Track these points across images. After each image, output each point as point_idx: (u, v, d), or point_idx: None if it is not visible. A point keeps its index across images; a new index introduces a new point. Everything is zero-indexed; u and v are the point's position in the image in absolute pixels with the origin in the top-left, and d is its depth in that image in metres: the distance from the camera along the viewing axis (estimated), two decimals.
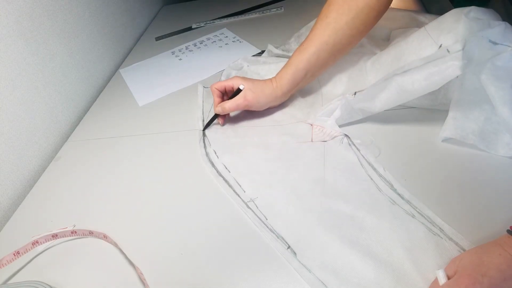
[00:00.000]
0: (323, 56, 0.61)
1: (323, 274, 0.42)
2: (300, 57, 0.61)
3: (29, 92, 0.70)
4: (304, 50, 0.61)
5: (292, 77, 0.62)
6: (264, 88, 0.63)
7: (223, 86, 0.65)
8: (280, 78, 0.63)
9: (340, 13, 0.59)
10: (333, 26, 0.59)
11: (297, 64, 0.62)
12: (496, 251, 0.36)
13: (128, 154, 0.67)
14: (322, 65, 0.63)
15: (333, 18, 0.59)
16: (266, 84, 0.63)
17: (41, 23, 0.75)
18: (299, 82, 0.64)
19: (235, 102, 0.63)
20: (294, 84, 0.63)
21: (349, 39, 0.61)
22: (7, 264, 0.47)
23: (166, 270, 0.46)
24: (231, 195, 0.53)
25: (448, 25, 0.54)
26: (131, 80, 0.91)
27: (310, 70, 0.62)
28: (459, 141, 0.52)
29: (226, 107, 0.64)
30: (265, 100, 0.64)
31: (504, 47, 0.49)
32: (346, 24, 0.59)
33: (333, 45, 0.60)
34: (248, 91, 0.62)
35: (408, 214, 0.46)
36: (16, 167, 0.65)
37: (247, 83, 0.63)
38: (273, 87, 0.63)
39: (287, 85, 0.63)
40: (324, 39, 0.60)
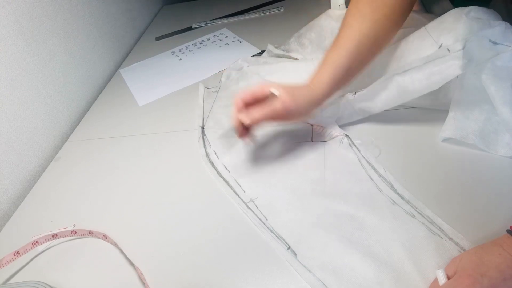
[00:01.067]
0: (363, 51, 0.53)
1: (323, 274, 0.42)
2: (339, 53, 0.52)
3: (29, 92, 0.70)
4: (340, 48, 0.53)
5: (333, 76, 0.52)
6: (302, 90, 0.52)
7: (253, 95, 0.51)
8: (318, 79, 0.53)
9: (374, 7, 0.53)
10: (371, 18, 0.53)
11: (336, 61, 0.52)
12: (496, 251, 0.36)
13: (128, 154, 0.67)
14: (363, 61, 0.55)
15: (368, 11, 0.53)
16: (303, 87, 0.52)
17: (41, 23, 0.75)
18: (340, 82, 0.53)
19: (270, 108, 0.49)
20: (335, 85, 0.53)
21: (388, 31, 0.55)
22: (7, 264, 0.47)
23: (166, 270, 0.46)
24: (231, 195, 0.53)
25: (448, 25, 0.54)
26: (131, 80, 0.91)
27: (350, 68, 0.53)
28: (459, 141, 0.52)
29: (256, 116, 0.49)
30: (304, 104, 0.51)
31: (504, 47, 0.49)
32: (384, 16, 0.53)
33: (374, 38, 0.53)
34: (285, 93, 0.49)
35: (408, 214, 0.46)
36: (16, 167, 0.65)
37: (281, 86, 0.50)
38: (312, 89, 0.52)
39: (328, 86, 0.52)
40: (363, 32, 0.52)
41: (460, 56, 0.48)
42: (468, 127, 0.51)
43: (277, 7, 1.11)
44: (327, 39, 0.77)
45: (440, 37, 0.54)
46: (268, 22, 1.05)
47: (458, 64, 0.48)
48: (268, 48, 0.83)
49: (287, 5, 1.12)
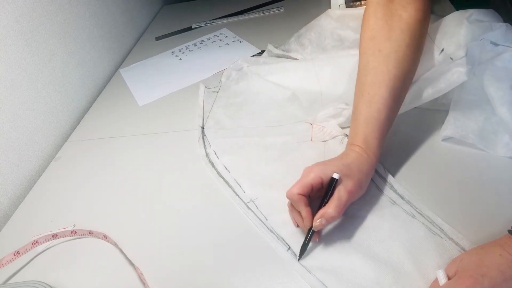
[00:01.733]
0: (398, 93, 0.49)
1: (324, 275, 0.42)
2: (376, 107, 0.48)
3: (29, 92, 0.70)
4: (375, 97, 0.48)
5: (379, 133, 0.48)
6: (359, 165, 0.46)
7: (309, 185, 0.44)
8: (366, 143, 0.48)
9: (394, 39, 0.49)
10: (395, 56, 0.49)
11: (377, 117, 0.48)
12: (497, 252, 0.36)
13: (128, 154, 0.67)
14: (398, 103, 0.51)
15: (389, 47, 0.49)
16: (357, 159, 0.47)
17: (41, 23, 0.75)
18: (386, 135, 0.50)
19: (341, 203, 0.43)
20: (383, 140, 0.50)
21: (415, 61, 0.52)
22: (7, 264, 0.47)
23: (166, 270, 0.46)
24: (231, 195, 0.53)
25: (450, 29, 0.54)
26: (131, 80, 0.91)
27: (390, 116, 0.50)
28: (459, 141, 0.52)
29: (333, 215, 0.42)
30: (366, 179, 0.47)
31: (504, 47, 0.49)
32: (408, 48, 0.49)
33: (403, 76, 0.49)
34: (346, 179, 0.44)
35: (408, 214, 0.46)
36: (16, 167, 0.65)
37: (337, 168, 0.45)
38: (367, 157, 0.47)
39: (378, 146, 0.49)
40: (392, 73, 0.48)
41: (464, 63, 0.48)
42: (468, 127, 0.51)
43: (277, 7, 1.11)
44: (327, 39, 0.77)
45: (442, 41, 0.54)
46: (268, 22, 1.05)
47: (463, 71, 0.48)
48: (268, 48, 0.83)
49: (287, 5, 1.12)
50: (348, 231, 0.45)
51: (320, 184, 0.45)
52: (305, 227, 0.44)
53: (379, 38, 0.50)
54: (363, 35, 0.52)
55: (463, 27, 0.52)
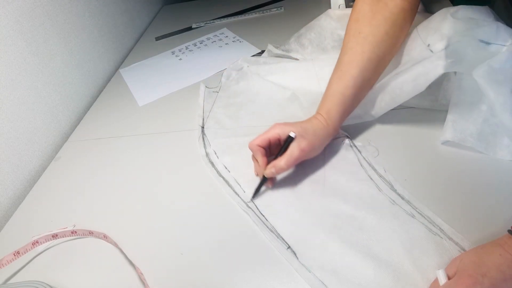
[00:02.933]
0: (368, 75, 0.54)
1: (323, 274, 0.42)
2: (344, 83, 0.53)
3: (29, 92, 0.70)
4: (345, 75, 0.53)
5: (342, 108, 0.53)
6: (315, 129, 0.52)
7: (266, 139, 0.51)
8: (328, 113, 0.53)
9: (375, 25, 0.53)
10: (373, 40, 0.53)
11: (343, 92, 0.53)
12: (497, 252, 0.36)
13: (128, 154, 0.67)
14: (368, 85, 0.55)
15: (368, 31, 0.53)
16: (315, 124, 0.52)
17: (41, 23, 0.75)
18: (349, 111, 0.55)
19: (292, 157, 0.49)
20: (345, 115, 0.55)
21: (391, 49, 0.55)
22: (7, 264, 0.47)
23: (166, 270, 0.46)
24: (231, 195, 0.53)
25: (435, 24, 0.53)
26: (131, 80, 0.91)
27: (357, 94, 0.54)
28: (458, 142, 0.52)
29: (283, 166, 0.49)
30: (319, 143, 0.52)
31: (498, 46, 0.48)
32: (386, 34, 0.53)
33: (377, 60, 0.53)
34: (300, 139, 0.50)
35: (408, 214, 0.46)
36: (16, 167, 0.65)
37: (294, 128, 0.51)
38: (324, 125, 0.53)
39: (338, 119, 0.53)
40: (366, 55, 0.53)
41: (443, 56, 0.48)
42: (467, 130, 0.51)
43: (277, 7, 1.11)
44: (327, 39, 0.77)
45: (428, 37, 0.53)
46: (268, 22, 1.05)
47: (441, 64, 0.48)
48: (268, 48, 0.83)
49: (287, 5, 1.12)
50: (348, 231, 0.46)
51: (278, 140, 0.51)
52: (260, 174, 0.52)
53: (362, 21, 0.54)
54: (350, 17, 0.56)
55: (446, 22, 0.51)
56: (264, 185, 0.52)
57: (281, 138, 0.51)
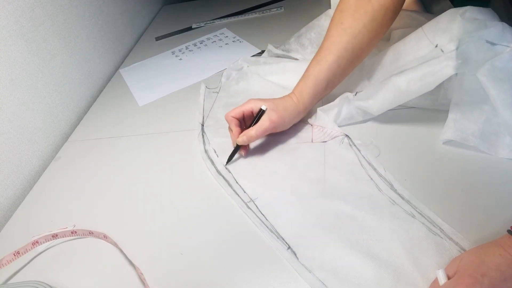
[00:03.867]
0: (343, 63, 0.58)
1: (323, 274, 0.42)
2: (319, 68, 0.58)
3: (29, 92, 0.70)
4: (322, 60, 0.58)
5: (313, 89, 0.58)
6: (286, 105, 0.58)
7: (240, 112, 0.58)
8: (300, 92, 0.59)
9: (356, 18, 0.56)
10: (351, 31, 0.56)
11: (316, 75, 0.58)
12: (497, 252, 0.36)
13: (128, 154, 0.67)
14: (342, 73, 0.60)
15: (349, 23, 0.56)
16: (286, 101, 0.59)
17: (41, 23, 0.75)
18: (320, 94, 0.60)
19: (261, 127, 0.56)
20: (316, 97, 0.59)
21: (368, 43, 0.58)
22: (7, 264, 0.47)
23: (166, 270, 0.46)
24: (231, 195, 0.53)
25: (443, 25, 0.54)
26: (131, 80, 0.91)
27: (331, 80, 0.58)
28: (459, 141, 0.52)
29: (253, 135, 0.56)
30: (289, 118, 0.59)
31: (502, 47, 0.48)
32: (364, 28, 0.56)
33: (353, 51, 0.57)
34: (271, 112, 0.57)
35: (408, 214, 0.46)
36: (16, 167, 0.65)
37: (267, 103, 0.57)
38: (295, 103, 0.59)
39: (308, 98, 0.59)
40: (343, 45, 0.56)
41: (454, 57, 0.48)
42: (468, 129, 0.51)
43: (277, 7, 1.11)
44: None
45: (436, 38, 0.53)
46: (268, 22, 1.05)
47: (452, 64, 0.48)
48: (268, 48, 0.83)
49: (287, 5, 1.12)
50: (348, 231, 0.46)
51: (251, 112, 0.58)
52: (233, 142, 0.59)
53: (345, 12, 0.57)
54: (337, 6, 0.60)
55: (456, 22, 0.52)
56: (238, 153, 0.59)
57: (254, 111, 0.58)
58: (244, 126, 0.60)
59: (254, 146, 0.61)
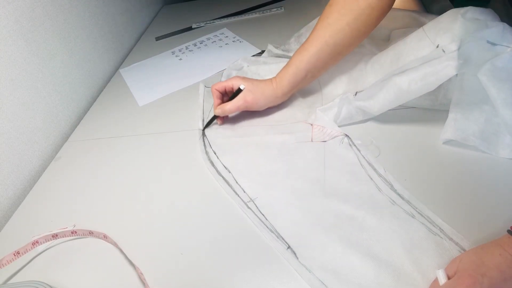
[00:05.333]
0: (323, 57, 0.61)
1: (323, 274, 0.42)
2: (301, 58, 0.61)
3: (29, 92, 0.70)
4: (304, 51, 0.61)
5: (293, 77, 0.62)
6: (264, 89, 0.63)
7: (223, 86, 0.65)
8: (280, 79, 0.63)
9: (341, 14, 0.58)
10: (334, 27, 0.58)
11: (297, 65, 0.61)
12: (497, 252, 0.36)
13: (128, 154, 0.67)
14: (323, 66, 0.63)
15: (334, 18, 0.59)
16: (266, 85, 0.63)
17: (41, 23, 0.75)
18: (299, 83, 0.63)
19: (235, 104, 0.63)
20: (295, 85, 0.63)
21: (350, 40, 0.60)
22: (7, 264, 0.47)
23: (166, 270, 0.46)
24: (231, 195, 0.53)
25: (445, 25, 0.54)
26: (131, 80, 0.91)
27: (310, 70, 0.62)
28: (459, 142, 0.52)
29: (226, 109, 0.63)
30: (264, 101, 0.64)
31: (503, 47, 0.48)
32: (347, 25, 0.58)
33: (334, 45, 0.60)
34: (248, 92, 0.63)
35: (408, 214, 0.46)
36: (16, 167, 0.65)
37: (247, 83, 0.63)
38: (273, 88, 0.63)
39: (287, 85, 0.63)
40: (325, 39, 0.59)
41: (455, 57, 0.48)
42: (469, 129, 0.51)
43: (277, 7, 1.11)
44: None
45: (437, 38, 0.54)
46: (268, 22, 1.05)
47: (453, 64, 0.48)
48: (268, 48, 0.83)
49: (287, 5, 1.12)
50: (348, 231, 0.46)
51: (232, 88, 0.65)
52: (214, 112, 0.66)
53: (333, 7, 0.59)
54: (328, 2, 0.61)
55: (457, 23, 0.52)
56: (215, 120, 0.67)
57: (234, 88, 0.64)
58: (226, 98, 0.66)
59: (254, 147, 0.61)
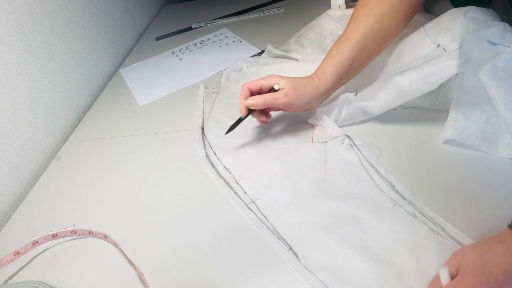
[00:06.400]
0: (368, 44, 0.56)
1: (325, 275, 0.42)
2: (343, 47, 0.55)
3: (29, 92, 0.70)
4: (346, 39, 0.55)
5: (336, 69, 0.55)
6: (306, 84, 0.55)
7: (258, 85, 0.56)
8: (322, 73, 0.56)
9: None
10: (377, 11, 0.55)
11: (340, 55, 0.55)
12: (500, 249, 0.36)
13: (128, 154, 0.67)
14: (368, 55, 0.57)
15: (375, 3, 0.55)
16: (307, 80, 0.56)
17: (41, 23, 0.75)
18: (343, 76, 0.57)
19: (273, 96, 0.54)
20: (339, 78, 0.56)
21: (395, 24, 0.56)
22: (7, 264, 0.47)
23: (166, 270, 0.46)
24: (231, 196, 0.53)
25: (446, 24, 0.54)
26: (131, 80, 0.91)
27: (355, 61, 0.56)
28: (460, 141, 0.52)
29: (260, 101, 0.54)
30: (307, 97, 0.55)
31: (503, 47, 0.49)
32: (391, 8, 0.54)
33: (378, 31, 0.55)
34: (289, 87, 0.54)
35: (410, 214, 0.46)
36: (16, 167, 0.65)
37: (286, 80, 0.55)
38: (316, 83, 0.56)
39: (331, 79, 0.56)
40: (368, 25, 0.55)
41: (456, 56, 0.48)
42: (469, 129, 0.51)
43: (277, 7, 1.11)
44: (327, 40, 0.77)
45: (438, 37, 0.54)
46: (268, 22, 1.05)
47: (454, 64, 0.48)
48: (268, 48, 0.83)
49: (287, 5, 1.12)
50: (350, 231, 0.45)
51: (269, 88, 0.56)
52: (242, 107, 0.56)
53: None
54: None
55: (458, 22, 0.52)
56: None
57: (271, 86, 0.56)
58: None
59: (255, 147, 0.61)
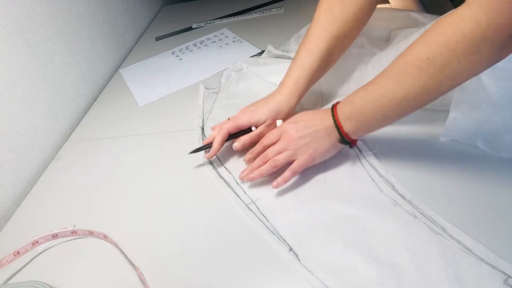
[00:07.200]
0: (333, 52, 0.58)
1: (325, 276, 0.42)
2: (313, 57, 0.57)
3: (30, 92, 0.70)
4: (314, 49, 0.57)
5: (308, 79, 0.58)
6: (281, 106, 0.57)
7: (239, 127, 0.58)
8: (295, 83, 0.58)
9: (346, 5, 0.56)
10: (341, 20, 0.56)
11: (310, 65, 0.57)
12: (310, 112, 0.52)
13: (128, 154, 0.67)
14: (333, 61, 0.61)
15: (339, 10, 0.56)
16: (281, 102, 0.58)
17: (41, 23, 0.75)
18: (312, 83, 0.60)
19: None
20: (310, 86, 0.59)
21: (357, 31, 0.59)
22: (7, 264, 0.47)
23: (166, 270, 0.46)
24: (232, 196, 0.53)
25: None
26: (131, 80, 0.91)
27: (323, 68, 0.59)
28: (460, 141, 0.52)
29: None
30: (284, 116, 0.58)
31: None
32: (354, 15, 0.56)
33: (343, 38, 0.58)
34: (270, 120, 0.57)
35: (410, 214, 0.46)
36: (16, 167, 0.65)
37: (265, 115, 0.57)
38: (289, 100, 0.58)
39: (303, 89, 0.58)
40: (334, 34, 0.57)
41: None
42: (469, 128, 0.51)
43: (277, 7, 1.11)
44: None
45: None
46: (268, 22, 1.05)
47: None
48: (268, 48, 0.83)
49: (287, 5, 1.12)
50: (350, 232, 0.45)
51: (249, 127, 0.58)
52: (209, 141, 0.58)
53: None
54: None
55: None
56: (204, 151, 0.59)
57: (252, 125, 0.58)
58: None
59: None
